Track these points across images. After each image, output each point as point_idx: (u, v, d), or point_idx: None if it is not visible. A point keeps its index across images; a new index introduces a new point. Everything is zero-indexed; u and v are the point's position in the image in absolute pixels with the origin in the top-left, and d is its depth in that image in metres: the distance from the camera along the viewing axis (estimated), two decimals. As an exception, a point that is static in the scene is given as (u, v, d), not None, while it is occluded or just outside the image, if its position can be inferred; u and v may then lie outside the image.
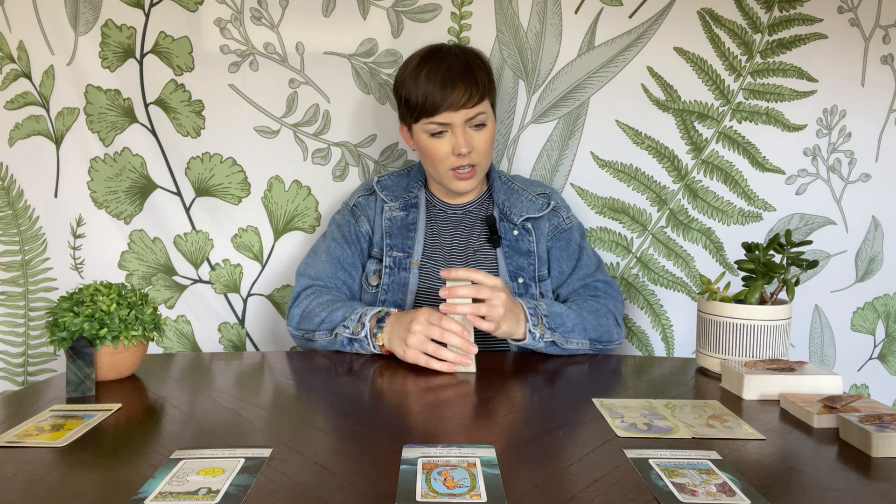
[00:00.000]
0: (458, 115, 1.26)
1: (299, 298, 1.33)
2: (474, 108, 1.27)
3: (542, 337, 1.18)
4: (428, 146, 1.30)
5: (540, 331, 1.17)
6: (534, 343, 1.18)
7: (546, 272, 1.37)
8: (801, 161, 1.54)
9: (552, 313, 1.21)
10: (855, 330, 1.62)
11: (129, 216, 1.55)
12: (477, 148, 1.29)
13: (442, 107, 1.25)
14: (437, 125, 1.27)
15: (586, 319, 1.26)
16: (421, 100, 1.26)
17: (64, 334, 1.03)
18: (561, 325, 1.21)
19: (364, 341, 1.18)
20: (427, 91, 1.25)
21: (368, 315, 1.19)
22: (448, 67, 1.26)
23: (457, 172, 1.30)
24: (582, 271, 1.37)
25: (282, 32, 1.50)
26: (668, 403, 0.95)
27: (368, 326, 1.17)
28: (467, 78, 1.26)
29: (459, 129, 1.27)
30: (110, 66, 1.49)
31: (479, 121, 1.28)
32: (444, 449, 0.77)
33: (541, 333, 1.17)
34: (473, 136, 1.29)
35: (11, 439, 0.81)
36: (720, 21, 1.49)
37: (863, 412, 0.85)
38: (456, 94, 1.24)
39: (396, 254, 1.34)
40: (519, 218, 1.36)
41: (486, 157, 1.32)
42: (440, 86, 1.25)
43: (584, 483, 0.70)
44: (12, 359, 1.60)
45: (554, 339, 1.19)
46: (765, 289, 1.14)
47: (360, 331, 1.18)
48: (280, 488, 0.68)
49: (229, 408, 0.94)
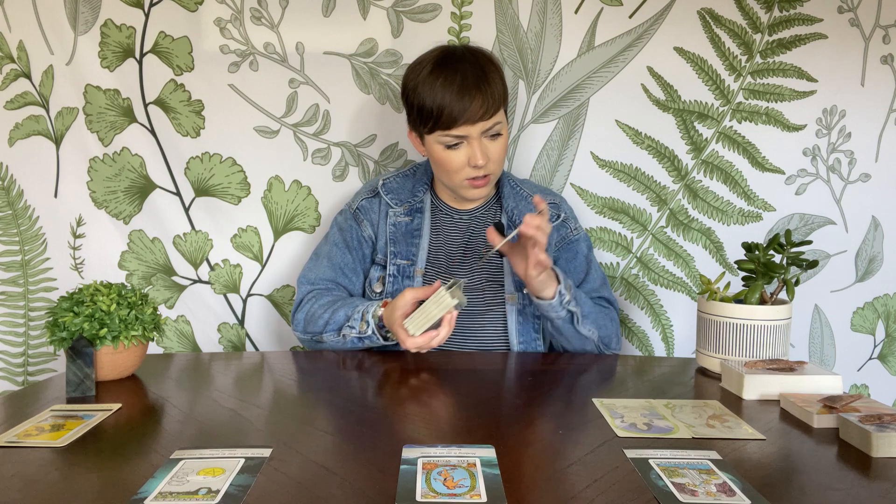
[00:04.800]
0: (476, 128, 1.22)
1: (302, 303, 1.34)
2: (491, 119, 1.23)
3: (568, 302, 1.20)
4: (443, 158, 1.26)
5: (569, 295, 1.20)
6: (558, 309, 1.20)
7: None
8: (801, 161, 1.54)
9: (577, 291, 1.25)
10: (855, 330, 1.62)
11: (128, 216, 1.55)
12: (493, 158, 1.26)
13: (459, 120, 1.20)
14: (453, 138, 1.23)
15: (599, 315, 1.29)
16: (436, 112, 1.21)
17: (64, 334, 1.03)
18: (582, 304, 1.24)
19: (373, 337, 1.21)
20: (443, 103, 1.20)
21: (370, 312, 1.21)
22: (464, 77, 1.20)
23: (471, 181, 1.28)
24: (589, 285, 1.37)
25: (282, 32, 1.50)
26: (668, 403, 0.95)
27: (373, 324, 1.20)
28: (484, 88, 1.20)
29: (476, 142, 1.23)
30: (110, 65, 1.49)
31: (496, 131, 1.25)
32: (444, 449, 0.77)
33: (569, 298, 1.20)
34: (489, 147, 1.25)
35: (11, 439, 0.81)
36: (720, 21, 1.49)
37: (863, 412, 0.85)
38: (474, 108, 1.20)
39: (400, 262, 1.33)
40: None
41: (500, 166, 1.31)
42: (457, 98, 1.19)
43: (584, 483, 0.70)
44: (12, 359, 1.59)
45: (575, 312, 1.22)
46: (765, 289, 1.14)
47: (367, 329, 1.21)
48: (280, 488, 0.68)
49: (229, 408, 0.94)
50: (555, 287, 1.19)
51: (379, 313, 1.21)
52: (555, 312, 1.21)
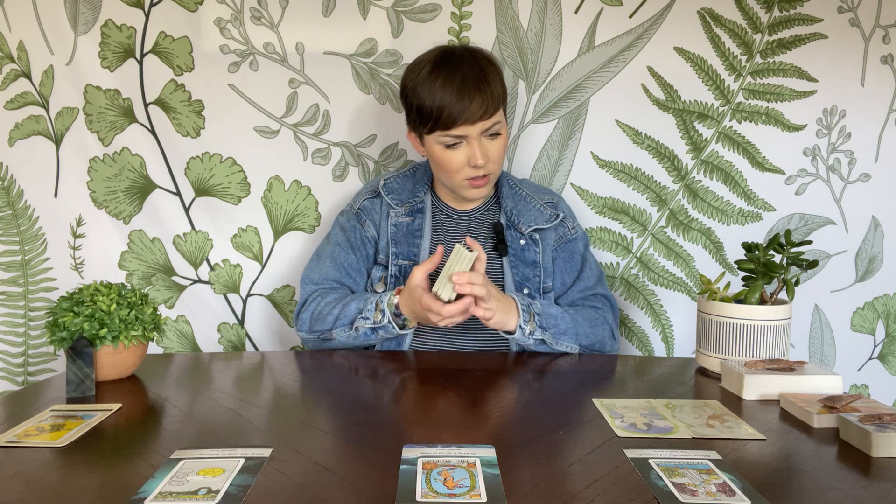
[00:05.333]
0: (475, 128, 1.23)
1: (306, 303, 1.34)
2: (491, 118, 1.23)
3: (531, 334, 1.20)
4: (442, 158, 1.27)
5: (530, 327, 1.20)
6: (523, 339, 1.21)
7: (550, 283, 1.36)
8: (801, 161, 1.54)
9: (546, 313, 1.24)
10: (855, 330, 1.62)
11: (128, 216, 1.55)
12: (492, 157, 1.27)
13: (459, 120, 1.21)
14: (452, 138, 1.24)
15: (580, 325, 1.28)
16: (436, 112, 1.22)
17: (64, 334, 1.03)
18: (553, 325, 1.23)
19: (388, 326, 1.22)
20: (443, 103, 1.21)
21: (384, 302, 1.22)
22: (463, 77, 1.21)
23: (471, 181, 1.28)
24: (583, 283, 1.37)
25: (282, 32, 1.50)
26: (668, 403, 0.95)
27: (388, 312, 1.21)
28: (484, 88, 1.21)
29: (475, 141, 1.24)
30: (110, 66, 1.49)
31: (495, 130, 1.26)
32: (444, 449, 0.77)
33: (531, 330, 1.20)
34: (489, 146, 1.26)
35: (11, 439, 0.81)
36: (720, 21, 1.49)
37: (863, 412, 0.85)
38: (473, 107, 1.20)
39: (402, 262, 1.33)
40: (527, 228, 1.34)
41: (499, 166, 1.31)
42: (457, 98, 1.20)
43: (584, 483, 0.70)
44: (12, 359, 1.59)
45: (544, 339, 1.22)
46: (765, 289, 1.14)
47: (382, 318, 1.21)
48: (280, 488, 0.68)
49: (229, 408, 0.94)
50: (515, 321, 1.20)
51: (395, 301, 1.22)
52: (522, 343, 1.23)
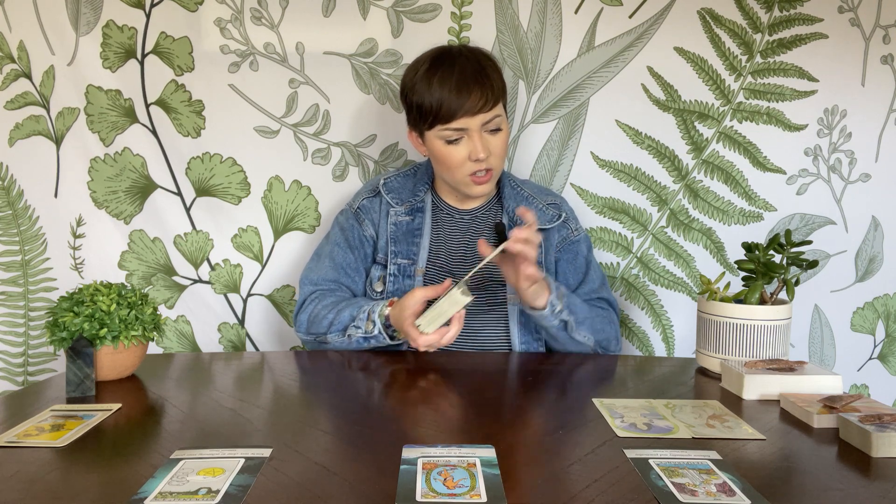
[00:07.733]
0: (475, 121, 1.23)
1: (305, 304, 1.34)
2: (490, 111, 1.23)
3: (559, 312, 1.20)
4: (444, 153, 1.27)
5: (560, 305, 1.20)
6: (550, 319, 1.20)
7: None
8: (802, 161, 1.54)
9: (571, 298, 1.25)
10: (855, 330, 1.62)
11: (129, 216, 1.55)
12: (494, 152, 1.26)
13: (458, 113, 1.21)
14: (453, 131, 1.24)
15: (596, 320, 1.28)
16: (436, 106, 1.22)
17: (64, 334, 1.03)
18: (576, 311, 1.23)
19: (379, 337, 1.21)
20: (441, 97, 1.21)
21: (376, 312, 1.21)
22: (461, 71, 1.22)
23: (474, 177, 1.28)
24: (588, 286, 1.37)
25: (282, 32, 1.50)
26: (668, 403, 0.95)
27: (379, 323, 1.20)
28: (482, 81, 1.22)
29: (476, 135, 1.24)
30: (111, 66, 1.49)
31: (496, 125, 1.26)
32: (444, 449, 0.77)
33: (560, 308, 1.20)
34: (490, 141, 1.26)
35: (11, 439, 0.81)
36: (720, 21, 1.49)
37: (863, 412, 0.85)
38: (472, 99, 1.21)
39: (401, 261, 1.33)
40: None
41: (501, 162, 1.31)
42: (455, 91, 1.21)
43: (584, 483, 0.70)
44: (12, 359, 1.60)
45: (567, 321, 1.22)
46: (765, 289, 1.14)
47: (373, 328, 1.21)
48: (280, 488, 0.68)
49: (229, 408, 0.94)
50: (546, 297, 1.19)
51: (385, 313, 1.21)
52: (547, 322, 1.21)
